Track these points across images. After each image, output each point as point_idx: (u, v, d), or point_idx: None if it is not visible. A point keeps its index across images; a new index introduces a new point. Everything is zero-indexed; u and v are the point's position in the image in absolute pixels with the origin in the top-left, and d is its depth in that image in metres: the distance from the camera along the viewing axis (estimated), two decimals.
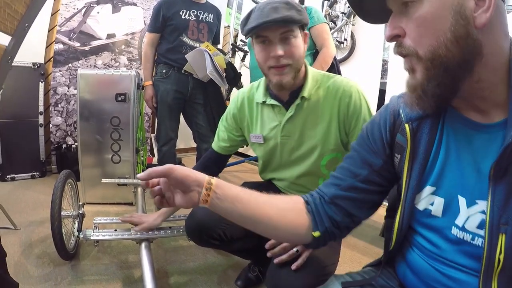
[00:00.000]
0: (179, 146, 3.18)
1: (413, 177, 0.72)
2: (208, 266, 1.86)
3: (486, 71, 0.60)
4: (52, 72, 3.22)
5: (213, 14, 2.63)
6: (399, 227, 0.75)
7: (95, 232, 1.62)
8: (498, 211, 0.59)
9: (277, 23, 1.13)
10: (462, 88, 0.61)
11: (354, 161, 0.83)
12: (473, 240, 0.64)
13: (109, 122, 2.48)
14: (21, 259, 1.77)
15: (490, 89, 0.61)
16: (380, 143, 0.80)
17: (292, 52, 1.19)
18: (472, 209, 0.64)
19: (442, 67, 0.60)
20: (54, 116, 3.27)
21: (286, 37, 1.18)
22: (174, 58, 2.52)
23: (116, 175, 2.51)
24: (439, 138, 0.70)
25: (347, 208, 0.81)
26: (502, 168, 0.59)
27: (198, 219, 1.32)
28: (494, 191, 0.60)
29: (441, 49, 0.59)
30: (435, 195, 0.70)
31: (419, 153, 0.72)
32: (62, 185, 1.68)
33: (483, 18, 0.57)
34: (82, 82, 2.43)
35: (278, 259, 1.10)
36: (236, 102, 1.46)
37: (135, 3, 3.65)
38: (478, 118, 0.65)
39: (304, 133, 1.30)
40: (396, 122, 0.77)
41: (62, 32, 3.23)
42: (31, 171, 3.08)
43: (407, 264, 0.78)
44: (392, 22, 0.65)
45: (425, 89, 0.62)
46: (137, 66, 3.70)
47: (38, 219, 2.22)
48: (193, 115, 2.66)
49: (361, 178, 0.81)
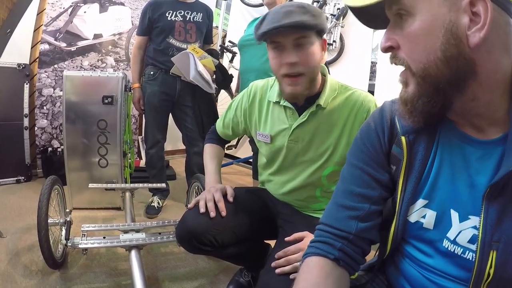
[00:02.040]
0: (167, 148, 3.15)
1: (407, 190, 0.71)
2: (199, 271, 1.85)
3: (482, 90, 0.59)
4: (38, 73, 3.15)
5: (202, 13, 2.58)
6: (393, 238, 0.74)
7: (83, 239, 1.59)
8: (491, 229, 0.60)
9: (289, 28, 1.08)
10: (456, 105, 0.61)
11: (363, 181, 0.78)
12: (464, 254, 0.65)
13: (96, 125, 2.45)
14: (8, 268, 1.73)
15: (486, 107, 0.60)
16: (382, 154, 0.77)
17: (307, 60, 1.15)
18: (464, 224, 0.65)
19: (432, 85, 0.59)
20: (40, 119, 3.20)
21: (300, 44, 1.14)
22: (161, 60, 2.49)
23: (103, 179, 2.48)
24: (434, 151, 0.70)
25: (371, 237, 0.77)
26: (498, 188, 0.59)
27: (188, 225, 1.30)
28: (488, 210, 0.60)
29: (431, 67, 0.58)
30: (427, 208, 0.70)
31: (415, 166, 0.71)
32: (48, 192, 1.65)
33: (477, 37, 0.55)
34: (68, 84, 2.39)
35: (280, 270, 1.09)
36: (248, 95, 1.43)
37: (123, 2, 3.59)
38: (474, 133, 0.65)
39: (312, 141, 1.29)
40: (393, 131, 0.76)
41: (48, 32, 3.16)
42: (16, 176, 3.01)
43: (399, 272, 0.78)
44: (387, 33, 0.64)
45: (415, 104, 0.62)
46: (124, 67, 3.64)
47: (25, 226, 2.18)
48: (182, 118, 2.63)
49: (375, 200, 0.76)
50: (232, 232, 1.31)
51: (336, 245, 0.74)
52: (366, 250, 0.78)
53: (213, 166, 1.51)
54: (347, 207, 0.77)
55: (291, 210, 1.41)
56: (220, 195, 1.32)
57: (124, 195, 2.19)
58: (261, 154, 1.48)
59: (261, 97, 1.40)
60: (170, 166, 3.70)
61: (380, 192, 0.76)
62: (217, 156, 1.57)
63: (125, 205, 2.12)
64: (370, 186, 0.77)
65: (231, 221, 1.30)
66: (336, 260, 0.73)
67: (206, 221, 1.27)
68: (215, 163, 1.53)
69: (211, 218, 1.26)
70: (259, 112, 1.40)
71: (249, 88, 1.45)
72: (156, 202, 2.62)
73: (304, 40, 1.13)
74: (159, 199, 2.66)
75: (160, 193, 2.71)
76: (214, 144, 1.60)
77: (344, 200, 0.78)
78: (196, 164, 2.62)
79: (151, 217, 2.53)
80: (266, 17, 1.15)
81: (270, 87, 1.38)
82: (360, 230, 0.75)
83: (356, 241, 0.75)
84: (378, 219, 0.77)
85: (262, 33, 1.13)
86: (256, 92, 1.41)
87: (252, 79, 2.13)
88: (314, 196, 1.37)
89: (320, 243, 0.76)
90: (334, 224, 0.77)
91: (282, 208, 1.43)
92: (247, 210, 1.36)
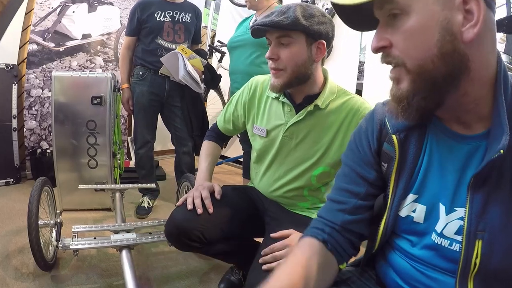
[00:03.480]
0: (156, 149, 3.15)
1: (400, 186, 0.74)
2: (190, 270, 1.87)
3: (473, 85, 0.61)
4: (26, 74, 3.12)
5: (190, 13, 2.57)
6: (383, 233, 0.77)
7: (74, 241, 1.59)
8: (476, 219, 0.62)
9: (262, 27, 1.20)
10: (448, 101, 0.63)
11: (351, 178, 0.83)
12: (451, 246, 0.67)
13: (85, 126, 2.44)
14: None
15: (475, 102, 0.63)
16: (370, 153, 0.81)
17: (286, 57, 1.22)
18: (451, 216, 0.67)
19: (429, 81, 0.61)
20: (28, 120, 3.18)
21: (282, 42, 1.22)
22: (150, 61, 2.49)
23: (93, 180, 2.48)
24: (424, 148, 0.73)
25: (359, 231, 0.81)
26: (482, 179, 0.62)
27: (176, 222, 1.34)
28: (473, 200, 0.63)
29: (427, 63, 0.60)
30: (417, 203, 0.73)
31: (407, 163, 0.73)
32: (38, 194, 1.65)
33: (471, 33, 0.57)
34: (57, 85, 2.38)
35: (267, 266, 1.13)
36: (249, 89, 1.48)
37: (112, 2, 3.57)
38: (460, 129, 0.67)
39: (306, 139, 1.32)
40: (382, 131, 0.79)
41: (36, 32, 3.13)
42: (5, 178, 2.98)
43: (388, 265, 0.81)
44: (378, 33, 0.65)
45: (411, 101, 0.63)
46: (113, 67, 3.63)
47: (15, 228, 2.17)
48: (171, 118, 2.63)
49: (362, 196, 0.81)
50: (220, 228, 1.34)
51: (325, 229, 0.81)
52: (355, 243, 0.82)
53: (206, 164, 1.54)
54: (336, 201, 0.84)
55: (278, 208, 1.44)
56: (207, 193, 1.35)
57: (114, 196, 2.19)
58: (253, 149, 1.51)
59: (261, 92, 1.44)
60: (159, 166, 3.69)
61: (366, 189, 0.81)
62: (212, 154, 1.59)
63: (115, 205, 2.12)
64: (356, 183, 0.82)
65: (218, 218, 1.34)
66: (324, 242, 0.79)
67: (194, 217, 1.31)
68: (209, 161, 1.55)
69: (199, 215, 1.30)
70: (257, 106, 1.45)
71: (249, 83, 1.50)
72: (146, 202, 2.63)
73: (286, 39, 1.21)
74: (149, 200, 2.66)
75: (150, 193, 2.71)
76: (212, 141, 1.62)
77: (334, 195, 0.85)
78: (185, 164, 2.63)
79: (141, 218, 2.53)
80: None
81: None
82: (346, 221, 0.81)
83: (343, 232, 0.80)
84: (366, 213, 0.81)
85: (250, 30, 1.26)
86: (257, 87, 1.46)
87: (238, 81, 2.15)
88: (302, 195, 1.40)
89: (312, 228, 0.84)
90: (324, 216, 0.84)
91: (269, 206, 1.46)
92: (235, 208, 1.39)
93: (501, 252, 0.62)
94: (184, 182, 2.02)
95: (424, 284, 0.71)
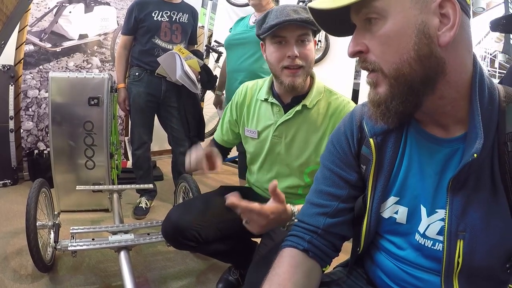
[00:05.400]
0: (153, 149, 3.15)
1: (378, 188, 0.75)
2: (188, 270, 1.87)
3: (449, 88, 0.62)
4: (23, 75, 3.12)
5: (187, 14, 2.57)
6: (366, 233, 0.79)
7: (72, 242, 1.59)
8: (456, 220, 0.64)
9: (298, 23, 1.19)
10: (425, 103, 0.63)
11: (332, 181, 0.83)
12: (434, 246, 0.69)
13: (82, 126, 2.44)
14: None
15: (452, 104, 0.64)
16: (350, 155, 0.81)
17: (307, 55, 1.25)
18: (432, 217, 0.69)
19: (406, 85, 0.61)
20: (25, 121, 3.18)
21: (302, 40, 1.24)
22: (146, 61, 2.49)
23: (90, 181, 2.48)
24: (402, 151, 0.74)
25: (341, 233, 0.82)
26: (460, 181, 0.63)
27: (172, 221, 1.35)
28: (452, 202, 0.64)
29: (404, 67, 0.60)
30: (398, 205, 0.74)
31: (384, 166, 0.75)
32: (36, 195, 1.65)
33: (447, 36, 0.58)
34: (54, 85, 2.37)
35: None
36: (240, 94, 1.50)
37: (108, 2, 3.57)
38: (439, 133, 0.68)
39: (295, 138, 1.34)
40: (362, 134, 0.80)
41: (32, 33, 3.13)
42: (2, 179, 2.97)
43: (376, 265, 0.82)
44: (355, 38, 0.66)
45: (389, 106, 0.64)
46: (110, 67, 3.62)
47: (13, 230, 2.17)
48: (168, 118, 2.64)
49: (344, 198, 0.81)
50: (216, 228, 1.36)
51: (305, 238, 0.80)
52: (336, 245, 0.83)
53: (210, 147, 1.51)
54: (316, 205, 0.83)
55: None
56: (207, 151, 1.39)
57: (111, 197, 2.19)
58: (247, 151, 1.52)
59: (251, 96, 1.46)
60: (157, 167, 3.69)
61: (348, 191, 0.81)
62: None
63: (113, 206, 2.12)
64: (338, 185, 0.82)
65: (215, 217, 1.36)
66: (306, 251, 0.79)
67: (190, 217, 1.33)
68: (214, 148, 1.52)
69: (195, 215, 1.32)
70: (247, 110, 1.46)
71: (239, 89, 1.51)
72: (143, 203, 2.63)
73: (306, 37, 1.25)
74: (147, 200, 2.67)
75: (147, 194, 2.72)
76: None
77: (314, 198, 0.85)
78: (182, 164, 2.60)
79: (139, 218, 2.53)
80: (271, 13, 1.25)
81: (260, 88, 1.44)
82: (328, 225, 0.81)
83: (325, 235, 0.81)
84: (348, 215, 0.82)
85: (272, 25, 1.21)
86: (247, 91, 1.48)
87: (240, 79, 2.14)
88: (296, 193, 1.41)
89: (292, 236, 0.83)
90: (305, 220, 0.84)
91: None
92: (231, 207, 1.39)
93: (484, 251, 0.63)
94: (182, 183, 2.02)
95: (411, 284, 0.73)
